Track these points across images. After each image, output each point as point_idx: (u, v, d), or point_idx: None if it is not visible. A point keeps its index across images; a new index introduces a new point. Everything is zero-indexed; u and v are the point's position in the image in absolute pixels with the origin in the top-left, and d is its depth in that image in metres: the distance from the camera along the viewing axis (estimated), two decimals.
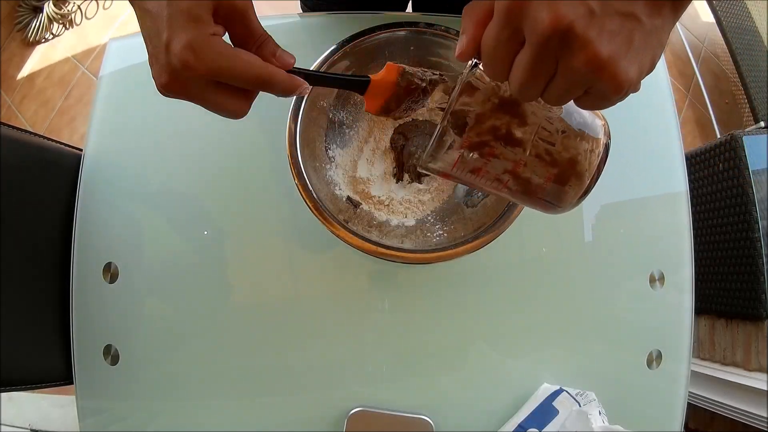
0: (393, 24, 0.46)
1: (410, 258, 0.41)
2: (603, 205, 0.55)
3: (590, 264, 0.54)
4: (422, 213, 0.49)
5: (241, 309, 0.53)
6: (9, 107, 1.53)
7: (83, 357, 0.53)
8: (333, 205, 0.44)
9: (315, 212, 0.41)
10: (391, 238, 0.45)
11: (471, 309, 0.53)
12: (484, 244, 0.41)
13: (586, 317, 0.52)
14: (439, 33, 0.46)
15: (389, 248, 0.41)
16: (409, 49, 0.48)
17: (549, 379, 0.50)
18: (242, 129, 0.56)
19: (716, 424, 1.00)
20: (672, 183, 0.56)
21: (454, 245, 0.41)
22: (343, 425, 0.49)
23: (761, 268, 0.87)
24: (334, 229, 0.41)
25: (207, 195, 0.55)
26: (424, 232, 0.47)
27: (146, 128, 0.58)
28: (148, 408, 0.52)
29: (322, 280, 0.53)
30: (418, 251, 0.42)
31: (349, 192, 0.49)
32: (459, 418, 0.51)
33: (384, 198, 0.50)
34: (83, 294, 0.54)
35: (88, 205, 0.56)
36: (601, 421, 0.43)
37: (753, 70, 1.17)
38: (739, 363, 0.93)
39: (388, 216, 0.49)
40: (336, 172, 0.49)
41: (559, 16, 0.21)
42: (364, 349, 0.52)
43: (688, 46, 1.55)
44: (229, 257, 0.54)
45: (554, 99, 0.26)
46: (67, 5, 1.58)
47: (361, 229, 0.44)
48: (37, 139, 0.57)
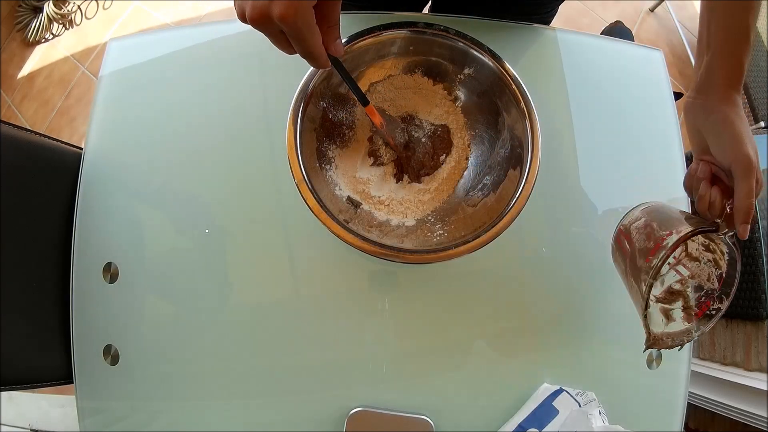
0: (392, 24, 0.46)
1: (410, 258, 0.41)
2: (603, 205, 0.55)
3: (590, 264, 0.54)
4: (422, 213, 0.49)
5: (241, 309, 0.53)
6: (9, 107, 1.53)
7: (83, 357, 0.53)
8: (333, 205, 0.44)
9: (315, 213, 0.41)
10: (392, 238, 0.45)
11: (471, 309, 0.53)
12: (484, 244, 0.41)
13: (586, 317, 0.52)
14: (438, 33, 0.46)
15: (389, 248, 0.41)
16: (409, 48, 0.48)
17: (549, 379, 0.50)
18: (242, 128, 0.56)
19: (716, 424, 1.00)
20: (672, 183, 0.56)
21: (455, 245, 0.41)
22: (343, 425, 0.49)
23: (761, 268, 0.87)
24: (335, 229, 0.41)
25: (207, 194, 0.55)
26: (424, 231, 0.47)
27: (146, 128, 0.58)
28: (148, 408, 0.52)
29: (323, 280, 0.53)
30: (418, 251, 0.42)
31: (349, 192, 0.49)
32: (459, 418, 0.51)
33: (384, 198, 0.50)
34: (83, 294, 0.54)
35: (88, 205, 0.56)
36: (601, 421, 0.43)
37: (753, 70, 1.17)
38: (739, 363, 0.93)
39: (389, 216, 0.49)
40: (336, 172, 0.49)
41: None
42: (364, 349, 0.52)
43: (688, 46, 1.55)
44: (229, 258, 0.54)
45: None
46: (67, 5, 1.58)
47: (361, 229, 0.44)
48: (37, 137, 0.57)
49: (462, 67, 0.48)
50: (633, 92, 0.58)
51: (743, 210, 0.37)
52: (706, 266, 0.41)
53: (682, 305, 0.41)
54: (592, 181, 0.55)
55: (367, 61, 0.49)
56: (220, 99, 0.58)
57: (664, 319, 0.41)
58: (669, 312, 0.41)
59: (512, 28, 0.58)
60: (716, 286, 0.40)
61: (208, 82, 0.58)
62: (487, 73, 0.47)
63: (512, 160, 0.46)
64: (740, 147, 0.37)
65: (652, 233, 0.38)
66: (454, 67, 0.49)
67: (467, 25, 0.48)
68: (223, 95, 0.58)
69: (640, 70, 0.59)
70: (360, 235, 0.41)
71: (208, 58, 0.59)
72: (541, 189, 0.44)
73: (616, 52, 0.60)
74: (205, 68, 0.59)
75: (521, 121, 0.45)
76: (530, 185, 0.42)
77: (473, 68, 0.48)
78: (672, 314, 0.41)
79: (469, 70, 0.48)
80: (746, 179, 0.37)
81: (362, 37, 0.46)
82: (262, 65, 0.58)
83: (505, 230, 0.41)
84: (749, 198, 0.37)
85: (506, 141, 0.47)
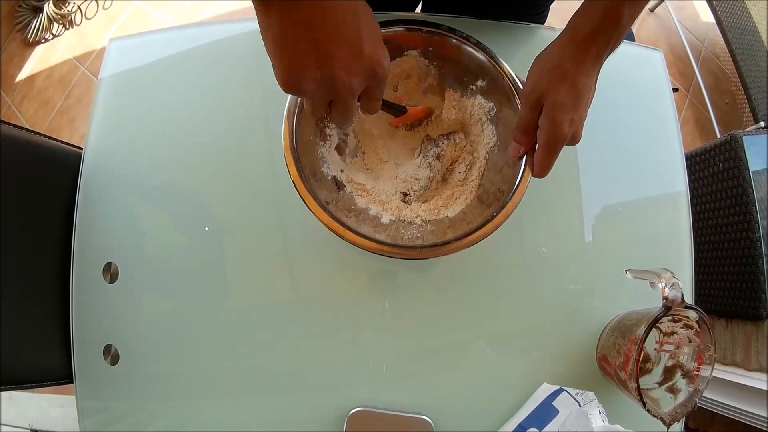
0: (392, 22, 0.46)
1: (408, 254, 0.41)
2: (603, 205, 0.55)
3: (590, 264, 0.54)
4: (407, 215, 0.49)
5: (242, 309, 0.53)
6: (9, 107, 1.53)
7: (83, 357, 0.53)
8: (328, 196, 0.44)
9: (315, 213, 0.41)
10: (368, 227, 0.45)
11: (471, 309, 0.53)
12: (481, 239, 0.41)
13: (586, 317, 0.52)
14: (438, 33, 0.46)
15: (385, 244, 0.41)
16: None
17: (549, 379, 0.50)
18: (242, 128, 0.56)
19: (716, 424, 1.00)
20: (672, 183, 0.56)
21: (456, 239, 0.41)
22: (343, 425, 0.49)
23: (761, 268, 0.87)
24: (341, 232, 0.41)
25: (207, 193, 0.56)
26: (399, 228, 0.47)
27: (146, 127, 0.58)
28: (148, 408, 0.52)
29: (323, 280, 0.53)
30: (415, 247, 0.42)
31: (351, 188, 0.49)
32: (459, 418, 0.51)
33: (370, 188, 0.49)
34: (83, 294, 0.54)
35: (88, 205, 0.56)
36: (601, 421, 0.43)
37: (753, 70, 1.17)
38: (739, 363, 0.93)
39: (369, 204, 0.48)
40: (329, 150, 0.49)
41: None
42: (364, 349, 0.52)
43: (688, 46, 1.55)
44: (229, 256, 0.54)
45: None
46: (67, 5, 1.58)
47: (369, 230, 0.44)
48: (37, 137, 0.57)
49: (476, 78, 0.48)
50: (633, 92, 0.58)
51: (539, 163, 0.40)
52: (682, 331, 0.44)
53: (682, 374, 0.44)
54: (591, 181, 0.55)
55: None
56: (219, 99, 0.58)
57: (671, 396, 0.44)
58: (674, 387, 0.44)
59: (507, 27, 0.58)
60: (699, 340, 0.43)
61: (208, 82, 0.58)
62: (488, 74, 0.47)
63: (507, 158, 0.46)
64: (560, 119, 0.37)
65: (621, 348, 0.44)
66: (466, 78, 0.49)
67: (462, 25, 0.48)
68: (223, 95, 0.58)
69: (640, 70, 0.59)
70: (362, 234, 0.41)
71: (208, 58, 0.59)
72: (540, 189, 0.44)
73: (615, 51, 0.60)
74: (204, 68, 0.59)
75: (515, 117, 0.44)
76: (527, 179, 0.42)
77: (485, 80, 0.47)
78: (676, 386, 0.44)
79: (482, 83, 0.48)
80: (550, 152, 0.39)
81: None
82: (261, 65, 0.58)
83: (503, 226, 0.41)
84: (543, 171, 0.40)
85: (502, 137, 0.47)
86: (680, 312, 0.40)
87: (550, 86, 0.38)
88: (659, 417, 0.40)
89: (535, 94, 0.39)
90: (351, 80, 0.29)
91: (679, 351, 0.45)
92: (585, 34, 0.36)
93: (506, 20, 0.58)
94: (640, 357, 0.40)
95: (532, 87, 0.39)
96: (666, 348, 0.46)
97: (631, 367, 0.40)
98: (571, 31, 0.38)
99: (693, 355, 0.44)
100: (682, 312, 0.40)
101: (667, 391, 0.44)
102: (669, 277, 0.40)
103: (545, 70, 0.39)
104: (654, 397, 0.44)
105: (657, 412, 0.41)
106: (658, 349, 0.47)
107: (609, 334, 0.49)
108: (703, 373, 0.42)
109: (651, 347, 0.47)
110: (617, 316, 0.50)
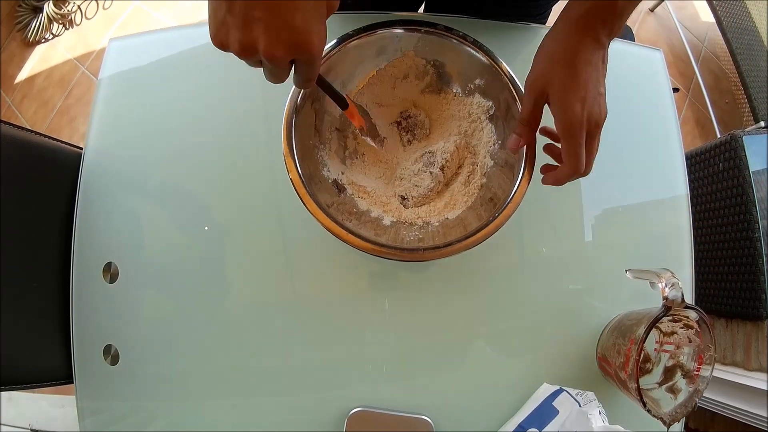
0: (391, 22, 0.46)
1: (407, 256, 0.41)
2: (603, 205, 0.55)
3: (590, 264, 0.54)
4: (409, 217, 0.49)
5: (242, 309, 0.53)
6: (9, 107, 1.53)
7: (83, 357, 0.53)
8: (329, 199, 0.44)
9: (314, 213, 0.41)
10: (368, 229, 0.45)
11: (471, 309, 0.53)
12: (483, 240, 0.41)
13: (586, 317, 0.52)
14: (437, 33, 0.46)
15: (386, 247, 0.41)
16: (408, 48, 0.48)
17: (549, 379, 0.50)
18: (241, 128, 0.56)
19: (716, 424, 1.00)
20: (672, 183, 0.56)
21: (455, 241, 0.41)
22: (343, 425, 0.49)
23: (761, 268, 0.87)
24: (342, 235, 0.41)
25: (207, 193, 0.55)
26: (400, 230, 0.47)
27: (146, 127, 0.58)
28: (148, 408, 0.52)
29: (323, 279, 0.53)
30: (416, 250, 0.42)
31: (351, 190, 0.49)
32: (459, 418, 0.51)
33: (370, 189, 0.49)
34: (83, 294, 0.54)
35: (88, 205, 0.56)
36: (601, 421, 0.43)
37: (753, 70, 1.17)
38: (739, 363, 0.93)
39: (370, 206, 0.48)
40: (328, 153, 0.49)
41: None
42: (364, 349, 0.52)
43: (688, 46, 1.55)
44: (229, 256, 0.54)
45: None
46: (67, 5, 1.58)
47: (370, 232, 0.43)
48: (37, 137, 0.57)
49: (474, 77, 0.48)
50: (633, 92, 0.58)
51: (565, 175, 0.38)
52: (682, 331, 0.44)
53: (682, 374, 0.44)
54: (591, 181, 0.55)
55: (366, 59, 0.49)
56: (219, 99, 0.58)
57: (671, 396, 0.44)
58: (674, 387, 0.44)
59: (508, 28, 0.58)
60: (699, 340, 0.43)
61: (208, 82, 0.58)
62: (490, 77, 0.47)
63: (508, 157, 0.46)
64: (569, 101, 0.35)
65: (621, 348, 0.44)
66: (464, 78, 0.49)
67: (463, 25, 0.48)
68: (223, 95, 0.58)
69: (640, 69, 0.59)
70: (363, 236, 0.41)
71: (207, 58, 0.59)
72: (540, 189, 0.44)
73: (615, 51, 0.60)
74: (204, 68, 0.59)
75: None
76: (527, 179, 0.42)
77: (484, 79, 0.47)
78: (676, 386, 0.44)
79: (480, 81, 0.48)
80: (570, 139, 0.36)
81: (361, 34, 0.45)
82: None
83: (503, 227, 0.41)
84: (575, 163, 0.37)
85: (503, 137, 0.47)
86: (680, 312, 0.40)
87: (552, 70, 0.37)
88: (659, 417, 0.40)
89: (538, 82, 0.38)
90: (273, 49, 0.28)
91: (679, 351, 0.45)
92: (579, 13, 0.36)
93: (507, 20, 0.58)
94: (640, 357, 0.40)
95: (535, 76, 0.39)
96: (666, 348, 0.46)
97: (631, 367, 0.40)
98: (566, 12, 0.38)
99: (693, 355, 0.44)
100: (682, 312, 0.40)
101: (667, 391, 0.44)
102: (669, 277, 0.40)
103: (544, 56, 0.39)
104: (654, 398, 0.44)
105: (657, 412, 0.41)
106: (658, 349, 0.47)
107: (609, 334, 0.49)
108: (703, 373, 0.42)
109: (651, 347, 0.47)
110: (617, 316, 0.50)
